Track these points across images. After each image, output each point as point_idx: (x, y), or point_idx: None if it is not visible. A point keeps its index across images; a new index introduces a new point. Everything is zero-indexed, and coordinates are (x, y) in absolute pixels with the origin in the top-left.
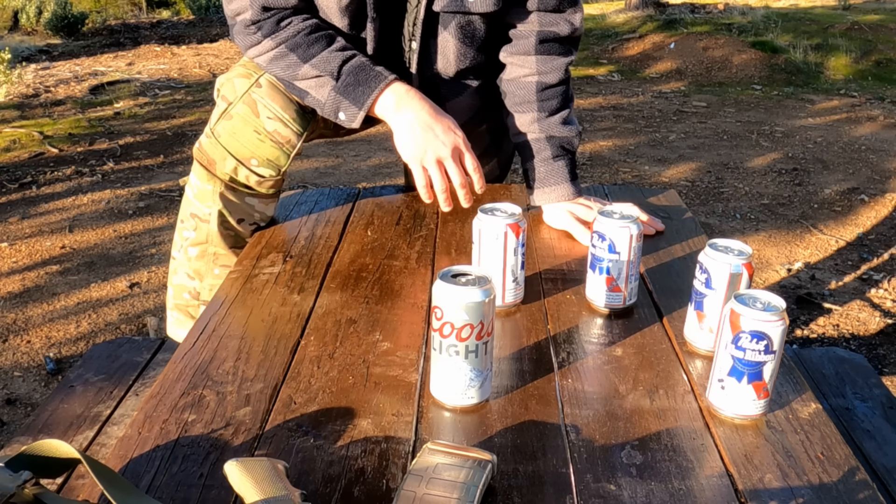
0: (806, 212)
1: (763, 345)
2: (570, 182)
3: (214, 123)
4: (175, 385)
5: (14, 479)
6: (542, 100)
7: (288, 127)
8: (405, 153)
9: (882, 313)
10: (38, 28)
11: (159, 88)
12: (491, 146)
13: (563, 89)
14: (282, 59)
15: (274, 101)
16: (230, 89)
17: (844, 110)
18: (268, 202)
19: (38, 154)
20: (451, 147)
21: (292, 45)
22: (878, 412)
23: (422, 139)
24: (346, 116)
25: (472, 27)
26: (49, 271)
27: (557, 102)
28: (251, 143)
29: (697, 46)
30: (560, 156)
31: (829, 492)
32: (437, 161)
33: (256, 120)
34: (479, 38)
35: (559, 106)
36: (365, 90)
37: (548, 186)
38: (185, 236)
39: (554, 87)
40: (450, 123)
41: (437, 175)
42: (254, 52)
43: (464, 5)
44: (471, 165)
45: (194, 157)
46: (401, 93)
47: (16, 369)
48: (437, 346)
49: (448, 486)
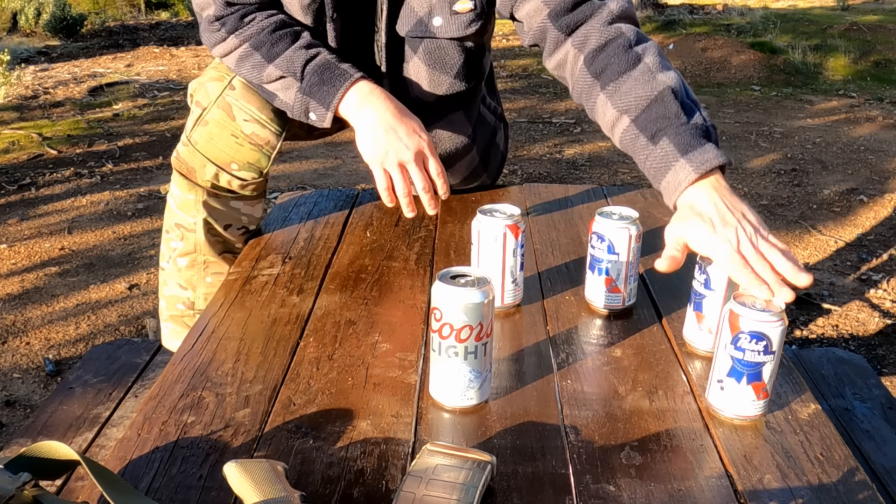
0: (805, 212)
1: (762, 345)
2: (684, 156)
3: (190, 131)
4: (174, 387)
5: (13, 480)
6: (598, 73)
7: (266, 128)
8: (365, 154)
9: (881, 314)
10: (37, 29)
11: (158, 90)
12: (479, 165)
13: (618, 43)
14: (247, 60)
15: (249, 103)
16: (203, 94)
17: (843, 111)
18: (253, 203)
19: (36, 156)
20: (415, 151)
21: (256, 43)
22: (877, 413)
23: (383, 140)
24: (316, 117)
25: (443, 53)
26: (48, 273)
27: (619, 62)
28: (230, 148)
29: (696, 47)
30: (659, 131)
31: (829, 492)
32: (398, 164)
33: (233, 123)
34: (452, 64)
35: (624, 65)
36: (330, 90)
37: (665, 176)
38: (172, 247)
39: (604, 49)
40: (415, 126)
41: (398, 179)
42: (219, 51)
43: (429, 30)
44: (434, 170)
45: (173, 167)
46: (365, 91)
47: (15, 371)
48: (436, 348)
49: (447, 488)
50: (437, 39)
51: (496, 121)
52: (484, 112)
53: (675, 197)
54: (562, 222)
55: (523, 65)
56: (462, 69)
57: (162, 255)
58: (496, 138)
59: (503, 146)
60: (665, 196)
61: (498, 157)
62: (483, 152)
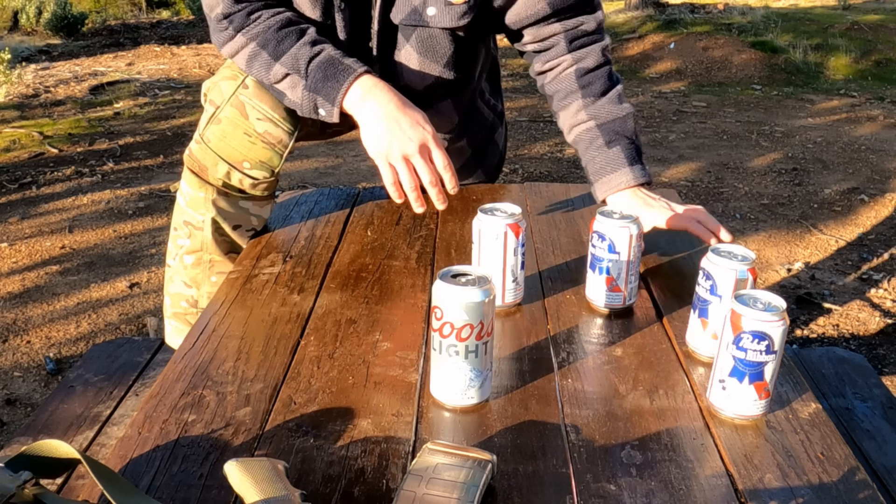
0: (806, 212)
1: (764, 345)
2: (629, 167)
3: (203, 129)
4: (175, 385)
5: (14, 479)
6: (584, 85)
7: (278, 126)
8: (370, 148)
9: (882, 313)
10: (38, 28)
11: (159, 88)
12: (472, 159)
13: (605, 71)
14: (256, 59)
15: (262, 102)
16: (217, 93)
17: (844, 110)
18: (262, 205)
19: (37, 154)
20: (419, 143)
21: (263, 41)
22: (878, 412)
23: (387, 133)
24: (325, 112)
25: (435, 42)
26: (49, 271)
27: (602, 85)
28: (242, 146)
29: (697, 46)
30: (614, 141)
31: (829, 492)
32: (403, 157)
33: (246, 122)
34: (443, 53)
35: (604, 88)
36: (334, 85)
37: (606, 175)
38: (179, 244)
39: (595, 70)
40: (418, 117)
41: (404, 172)
42: (228, 50)
43: (422, 19)
44: (441, 163)
45: (185, 164)
46: (368, 85)
47: (16, 369)
48: (436, 347)
49: (448, 486)
50: (430, 28)
51: (495, 118)
52: (481, 106)
53: (608, 193)
54: (563, 221)
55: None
56: (452, 59)
57: (169, 252)
58: (494, 136)
59: (502, 145)
60: (598, 189)
61: (496, 155)
62: (477, 146)
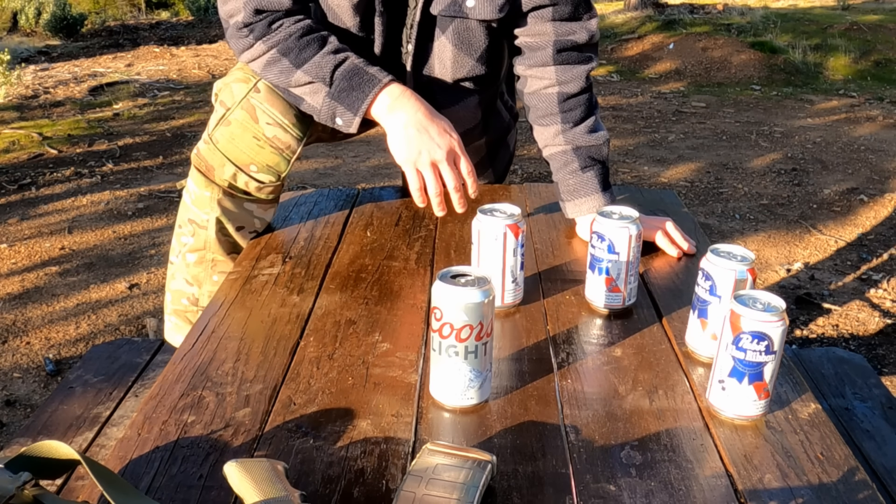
0: (805, 212)
1: (764, 345)
2: (601, 193)
3: (213, 129)
4: (174, 386)
5: (14, 480)
6: (564, 111)
7: (287, 132)
8: (398, 155)
9: (881, 313)
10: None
11: (158, 89)
12: (486, 158)
13: (585, 97)
14: (275, 65)
15: (273, 107)
16: (228, 94)
17: (843, 110)
18: (267, 208)
19: (37, 155)
20: (447, 149)
21: (284, 48)
22: (877, 412)
23: (416, 141)
24: (342, 122)
25: (471, 34)
26: (48, 272)
27: (581, 112)
28: (250, 149)
29: (696, 47)
30: (589, 166)
31: (829, 492)
32: (431, 164)
33: (255, 126)
34: (477, 46)
35: (583, 115)
36: (359, 95)
37: (579, 198)
38: (182, 242)
39: (576, 97)
40: (445, 125)
41: (431, 178)
42: (247, 57)
43: (462, 10)
44: (465, 169)
45: (192, 163)
46: (396, 94)
47: (15, 370)
48: (436, 347)
49: (448, 487)
50: (468, 20)
51: (510, 119)
52: (500, 107)
53: (579, 213)
54: (562, 222)
55: None
56: (485, 53)
57: (172, 250)
58: (507, 137)
59: (512, 146)
60: (569, 208)
61: (506, 156)
62: (492, 145)
